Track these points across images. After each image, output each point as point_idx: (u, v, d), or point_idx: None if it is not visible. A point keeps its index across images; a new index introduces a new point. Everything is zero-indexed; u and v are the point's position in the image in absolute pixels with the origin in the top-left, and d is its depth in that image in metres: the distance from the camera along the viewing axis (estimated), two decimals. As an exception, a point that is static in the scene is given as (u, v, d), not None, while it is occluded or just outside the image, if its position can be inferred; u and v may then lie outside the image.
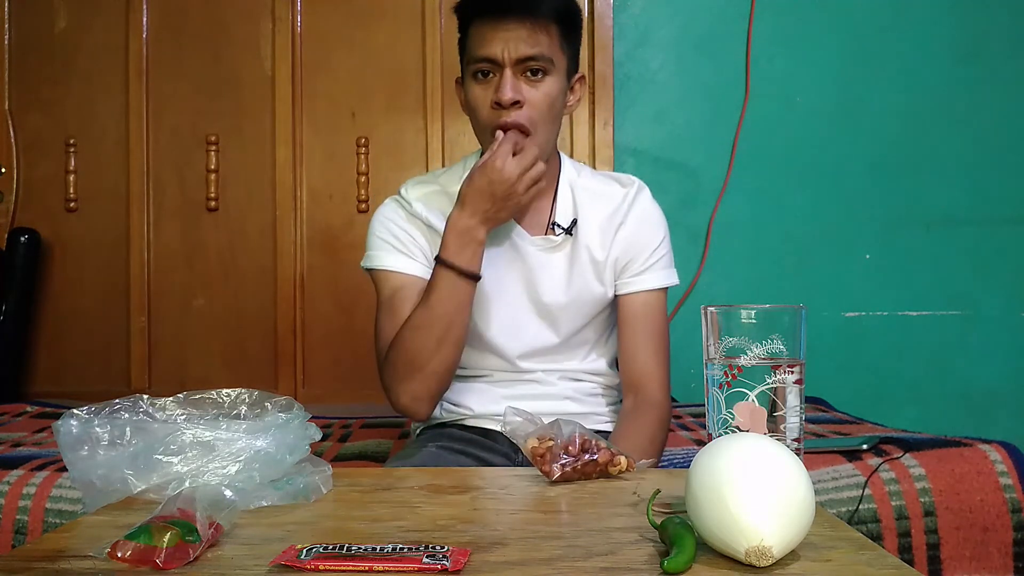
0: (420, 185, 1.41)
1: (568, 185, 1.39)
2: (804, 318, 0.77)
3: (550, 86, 1.29)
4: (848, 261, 2.40)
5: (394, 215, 1.39)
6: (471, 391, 1.38)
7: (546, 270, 1.35)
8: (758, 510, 0.60)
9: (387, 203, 1.41)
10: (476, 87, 1.30)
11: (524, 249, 1.35)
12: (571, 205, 1.38)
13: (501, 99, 1.25)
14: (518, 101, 1.26)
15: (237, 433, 0.80)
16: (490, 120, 1.29)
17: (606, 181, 1.43)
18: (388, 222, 1.38)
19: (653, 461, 1.05)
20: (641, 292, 1.37)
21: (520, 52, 1.25)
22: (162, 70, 2.47)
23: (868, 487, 1.26)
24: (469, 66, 1.31)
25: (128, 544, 0.62)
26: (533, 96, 1.28)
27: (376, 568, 0.59)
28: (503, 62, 1.26)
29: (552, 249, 1.36)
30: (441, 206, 1.37)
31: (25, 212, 2.48)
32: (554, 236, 1.36)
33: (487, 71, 1.28)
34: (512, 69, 1.26)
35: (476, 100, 1.30)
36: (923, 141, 2.40)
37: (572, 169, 1.42)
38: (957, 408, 2.37)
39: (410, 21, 2.42)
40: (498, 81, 1.27)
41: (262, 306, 2.44)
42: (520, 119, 1.27)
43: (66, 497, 1.32)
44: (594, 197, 1.39)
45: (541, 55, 1.26)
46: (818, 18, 2.41)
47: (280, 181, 2.44)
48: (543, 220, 1.37)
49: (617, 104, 2.41)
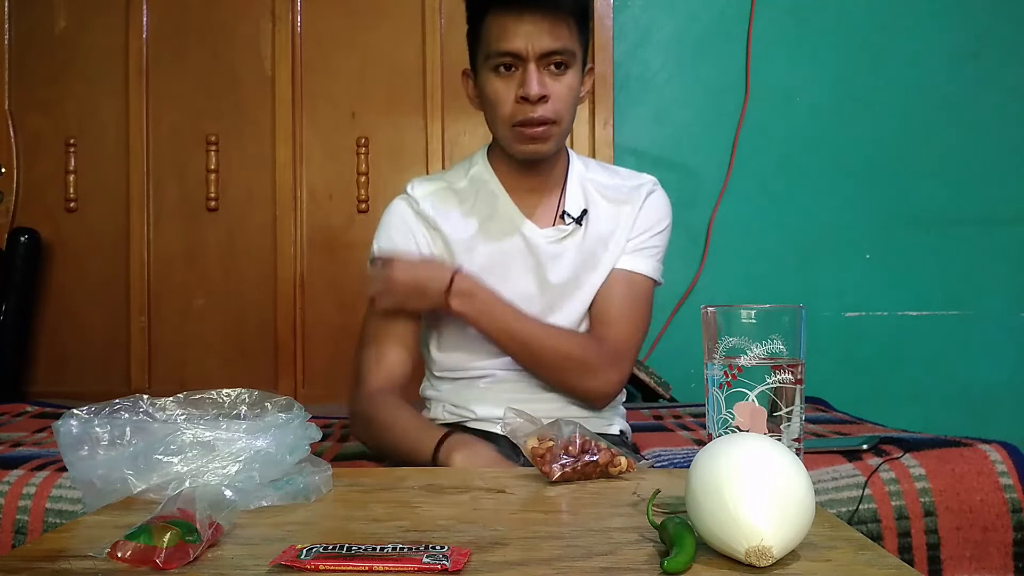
0: (427, 183, 1.42)
1: (577, 178, 1.40)
2: (804, 318, 0.77)
3: (572, 79, 1.29)
4: (848, 261, 2.40)
5: (405, 212, 1.40)
6: (473, 394, 1.37)
7: (556, 257, 1.35)
8: (758, 510, 0.59)
9: (396, 201, 1.42)
10: (497, 81, 1.29)
11: (535, 242, 1.35)
12: (581, 196, 1.38)
13: (529, 94, 1.25)
14: (545, 96, 1.26)
15: (237, 433, 0.80)
16: (515, 114, 1.28)
17: (621, 174, 1.43)
18: (397, 218, 1.40)
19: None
20: (631, 272, 1.37)
21: (544, 46, 1.25)
22: (162, 70, 2.47)
23: (868, 487, 1.26)
24: (488, 60, 1.29)
25: (128, 544, 0.62)
26: (557, 90, 1.28)
27: (376, 568, 0.59)
28: (527, 56, 1.25)
29: (563, 239, 1.36)
30: (447, 203, 1.38)
31: (25, 212, 2.48)
32: (564, 225, 1.36)
33: (509, 65, 1.27)
34: (536, 63, 1.26)
35: (497, 94, 1.29)
36: (923, 141, 2.40)
37: (579, 163, 1.43)
38: (957, 408, 2.37)
39: (410, 21, 2.42)
40: (521, 76, 1.26)
41: (262, 306, 2.44)
42: (547, 113, 1.27)
43: (66, 497, 1.32)
44: (607, 188, 1.40)
45: (564, 48, 1.26)
46: (818, 18, 2.41)
47: (280, 181, 2.44)
48: (552, 213, 1.38)
49: (617, 104, 2.41)
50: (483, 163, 1.41)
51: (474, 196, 1.39)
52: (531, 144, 1.30)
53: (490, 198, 1.38)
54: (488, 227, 1.37)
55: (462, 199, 1.39)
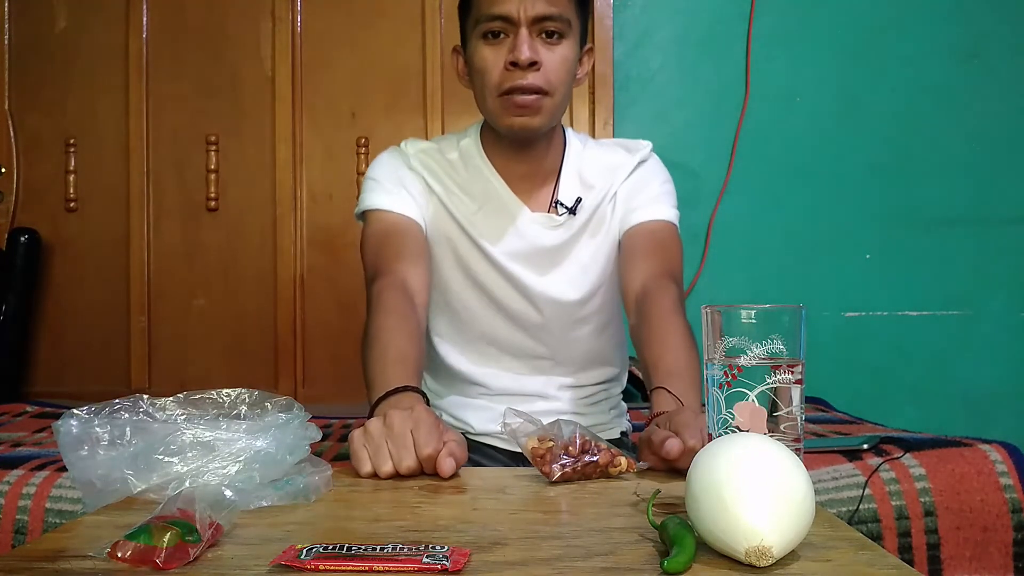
0: (419, 142, 1.37)
1: (575, 163, 1.34)
2: (804, 318, 0.77)
3: (567, 50, 1.22)
4: (848, 261, 2.40)
5: (393, 162, 1.35)
6: (471, 408, 1.36)
7: (547, 244, 1.32)
8: (758, 510, 0.59)
9: (385, 152, 1.37)
10: (486, 48, 1.22)
11: (525, 226, 1.31)
12: (577, 183, 1.33)
13: (519, 58, 1.18)
14: (536, 62, 1.19)
15: (237, 433, 0.80)
16: (503, 82, 1.21)
17: (614, 148, 1.38)
18: (384, 167, 1.34)
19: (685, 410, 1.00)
20: (648, 221, 1.31)
21: (538, 10, 1.18)
22: (162, 70, 2.47)
23: (868, 487, 1.26)
24: (478, 26, 1.22)
25: (128, 544, 0.62)
26: (550, 58, 1.20)
27: (376, 568, 0.59)
28: (519, 21, 1.18)
29: (554, 227, 1.32)
30: (437, 165, 1.33)
31: (25, 212, 2.48)
32: (556, 216, 1.32)
33: (499, 31, 1.21)
34: (528, 29, 1.19)
35: (486, 61, 1.22)
36: (923, 141, 2.40)
37: (578, 142, 1.37)
38: (957, 408, 2.37)
39: (410, 21, 2.43)
40: (512, 41, 1.19)
41: (262, 306, 2.44)
42: (537, 81, 1.20)
43: (66, 497, 1.32)
44: (603, 166, 1.35)
45: (559, 15, 1.20)
46: (818, 18, 2.41)
47: (280, 181, 2.44)
48: (546, 200, 1.33)
49: (617, 104, 2.41)
50: (474, 138, 1.35)
51: (463, 168, 1.34)
52: (520, 116, 1.22)
53: (479, 175, 1.33)
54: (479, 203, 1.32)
55: (454, 168, 1.34)
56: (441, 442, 0.90)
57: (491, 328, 1.34)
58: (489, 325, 1.34)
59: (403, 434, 0.90)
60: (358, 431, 0.93)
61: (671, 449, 0.87)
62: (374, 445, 0.90)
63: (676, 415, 0.95)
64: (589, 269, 1.34)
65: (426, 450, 0.88)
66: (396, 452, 0.89)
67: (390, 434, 0.90)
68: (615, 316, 1.41)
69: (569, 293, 1.33)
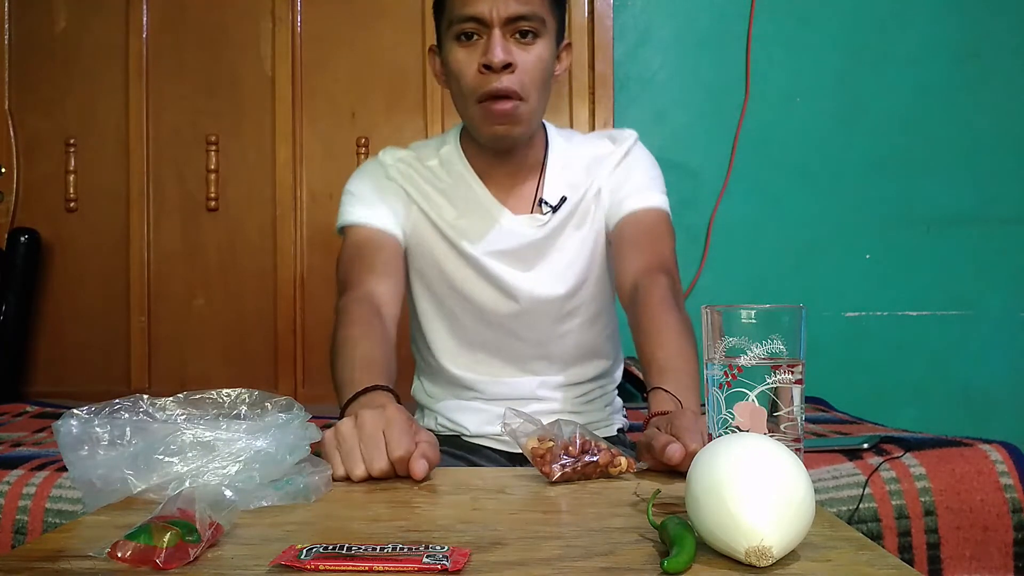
0: (397, 151, 1.36)
1: (558, 159, 1.33)
2: (804, 318, 0.77)
3: (542, 49, 1.20)
4: (848, 261, 2.40)
5: (371, 174, 1.34)
6: (467, 411, 1.36)
7: (531, 240, 1.31)
8: (758, 510, 0.59)
9: (363, 166, 1.37)
10: (459, 50, 1.20)
11: (509, 228, 1.30)
12: (561, 181, 1.32)
13: (491, 61, 1.16)
14: (509, 64, 1.17)
15: (237, 433, 0.80)
16: (477, 86, 1.19)
17: (600, 139, 1.36)
18: (362, 180, 1.33)
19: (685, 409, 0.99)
20: (637, 210, 1.29)
21: (510, 11, 1.16)
22: (162, 70, 2.47)
23: (868, 486, 1.26)
24: (451, 28, 1.20)
25: (128, 544, 0.62)
26: (524, 60, 1.18)
27: (376, 568, 0.59)
28: (491, 22, 1.16)
29: (539, 227, 1.31)
30: (417, 173, 1.32)
31: (25, 212, 2.48)
32: (540, 215, 1.30)
33: (472, 32, 1.18)
34: (501, 29, 1.17)
35: (459, 64, 1.20)
36: (923, 141, 2.40)
37: (561, 139, 1.35)
38: (957, 408, 2.37)
39: (410, 21, 2.42)
40: (485, 43, 1.17)
41: (262, 306, 2.44)
42: (512, 84, 1.18)
43: (66, 497, 1.32)
44: (588, 158, 1.34)
45: (533, 14, 1.17)
46: (818, 18, 2.41)
47: (280, 181, 2.44)
48: (529, 198, 1.32)
49: (617, 104, 2.41)
50: (454, 144, 1.34)
51: (445, 175, 1.33)
52: (499, 125, 1.21)
53: (460, 181, 1.32)
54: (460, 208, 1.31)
55: (435, 175, 1.33)
56: (413, 443, 0.88)
57: (479, 333, 1.34)
58: (476, 330, 1.34)
59: (374, 435, 0.88)
60: (329, 432, 0.91)
61: (673, 455, 0.86)
62: (346, 447, 0.88)
63: (676, 418, 0.95)
64: (575, 262, 1.32)
65: (398, 452, 0.87)
66: (368, 454, 0.87)
67: (361, 435, 0.88)
68: (606, 307, 1.39)
69: (556, 287, 1.32)
